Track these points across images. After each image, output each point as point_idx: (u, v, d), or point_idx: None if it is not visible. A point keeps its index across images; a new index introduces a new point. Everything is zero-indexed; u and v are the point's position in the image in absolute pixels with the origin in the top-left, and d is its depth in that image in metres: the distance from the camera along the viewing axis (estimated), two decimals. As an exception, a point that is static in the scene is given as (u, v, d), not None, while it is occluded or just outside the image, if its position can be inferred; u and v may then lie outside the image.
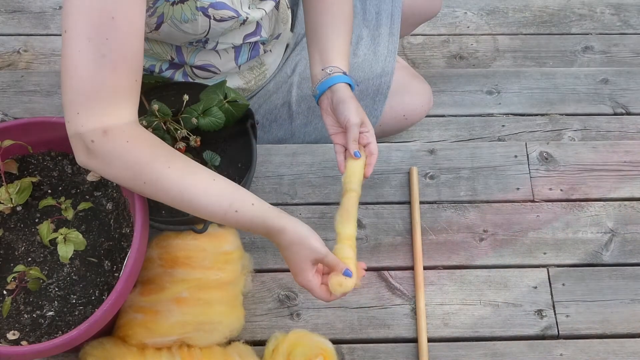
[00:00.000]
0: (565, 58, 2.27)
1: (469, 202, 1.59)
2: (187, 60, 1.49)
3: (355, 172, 1.30)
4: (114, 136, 1.05)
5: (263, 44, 1.54)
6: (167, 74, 1.53)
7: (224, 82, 1.42)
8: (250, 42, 1.49)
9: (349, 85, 1.35)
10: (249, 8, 1.39)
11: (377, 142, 1.48)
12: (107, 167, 1.07)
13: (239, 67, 1.54)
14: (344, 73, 1.35)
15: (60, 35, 2.17)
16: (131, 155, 1.07)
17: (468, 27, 2.34)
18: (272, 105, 1.68)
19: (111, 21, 1.03)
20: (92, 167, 1.08)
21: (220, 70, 1.53)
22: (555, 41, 2.31)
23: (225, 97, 1.40)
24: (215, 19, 1.33)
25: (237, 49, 1.49)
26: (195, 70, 1.52)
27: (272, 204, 1.49)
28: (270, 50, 1.58)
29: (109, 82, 1.04)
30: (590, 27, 2.35)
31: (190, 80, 1.55)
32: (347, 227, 1.24)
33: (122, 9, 1.04)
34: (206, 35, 1.38)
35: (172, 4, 1.28)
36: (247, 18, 1.38)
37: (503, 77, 2.07)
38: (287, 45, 1.69)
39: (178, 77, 1.54)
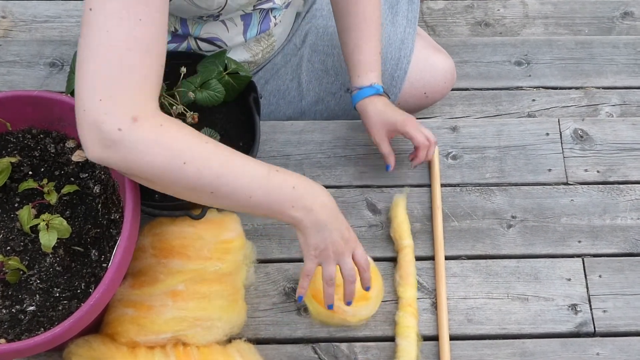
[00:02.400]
0: (602, 25, 2.25)
1: (496, 184, 1.58)
2: (191, 32, 1.48)
3: (401, 222, 1.48)
4: (145, 121, 1.01)
5: (275, 17, 1.53)
6: (170, 47, 1.53)
7: (223, 52, 1.41)
8: (261, 9, 1.48)
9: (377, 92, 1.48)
10: None
11: None
12: (138, 155, 1.02)
13: (246, 40, 1.53)
14: (370, 85, 1.48)
15: (43, 0, 2.17)
16: (169, 136, 1.03)
17: (494, -10, 2.33)
18: (280, 80, 1.67)
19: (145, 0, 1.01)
20: (112, 159, 1.02)
21: (227, 45, 1.52)
22: (590, 6, 2.29)
23: (226, 69, 1.40)
24: None
25: (246, 20, 1.48)
26: (200, 43, 1.51)
27: None
28: (280, 21, 1.57)
29: (140, 67, 1.02)
30: (630, -10, 2.33)
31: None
32: (408, 290, 1.42)
33: None
34: (220, 10, 1.38)
35: None
36: None
37: (533, 47, 2.06)
38: (297, 14, 1.68)
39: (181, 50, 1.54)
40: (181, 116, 1.32)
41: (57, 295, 1.22)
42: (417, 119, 1.71)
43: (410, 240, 1.47)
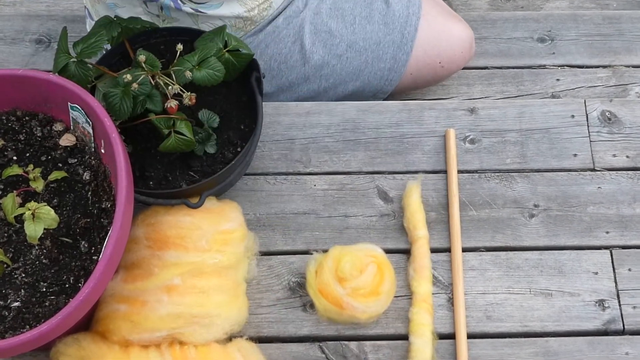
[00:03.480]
0: (632, -2, 2.24)
1: (517, 171, 1.58)
2: None
3: (415, 211, 1.47)
4: None
5: None
6: None
7: (223, 27, 1.41)
8: None
9: None
10: None
11: (408, 100, 1.47)
12: None
13: None
14: None
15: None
16: None
17: (515, -40, 2.31)
18: (281, 44, 1.68)
19: None
20: None
21: None
22: (619, -22, 2.28)
23: (226, 46, 1.38)
24: None
25: None
26: None
27: (281, 173, 1.54)
28: None
29: None
30: (663, -41, 2.31)
31: (180, 3, 1.53)
32: (423, 284, 1.41)
33: None
34: None
35: None
36: None
37: (558, 22, 2.05)
38: None
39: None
40: (177, 97, 1.31)
41: (44, 290, 1.21)
42: (432, 99, 1.71)
43: (425, 230, 1.46)
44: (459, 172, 1.56)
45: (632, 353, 1.39)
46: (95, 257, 1.23)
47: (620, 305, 1.44)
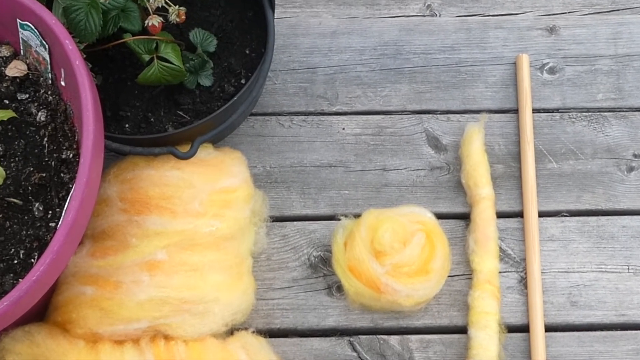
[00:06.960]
0: None
1: (611, 109, 1.57)
2: None
3: (477, 163, 1.47)
4: None
5: None
6: None
7: None
8: None
9: None
10: None
11: (467, 16, 1.42)
12: None
13: None
14: None
15: None
16: None
17: None
18: None
19: None
20: None
21: None
22: None
23: (224, -57, 1.38)
24: None
25: None
26: None
27: (299, 112, 1.55)
28: None
29: None
30: None
31: None
32: (487, 260, 1.40)
33: None
34: None
35: None
36: None
37: None
38: None
39: None
40: (162, 12, 1.29)
41: (-15, 267, 1.20)
42: (498, 15, 1.65)
43: (490, 189, 1.45)
44: (534, 111, 1.54)
45: None
46: (52, 224, 1.22)
47: None
